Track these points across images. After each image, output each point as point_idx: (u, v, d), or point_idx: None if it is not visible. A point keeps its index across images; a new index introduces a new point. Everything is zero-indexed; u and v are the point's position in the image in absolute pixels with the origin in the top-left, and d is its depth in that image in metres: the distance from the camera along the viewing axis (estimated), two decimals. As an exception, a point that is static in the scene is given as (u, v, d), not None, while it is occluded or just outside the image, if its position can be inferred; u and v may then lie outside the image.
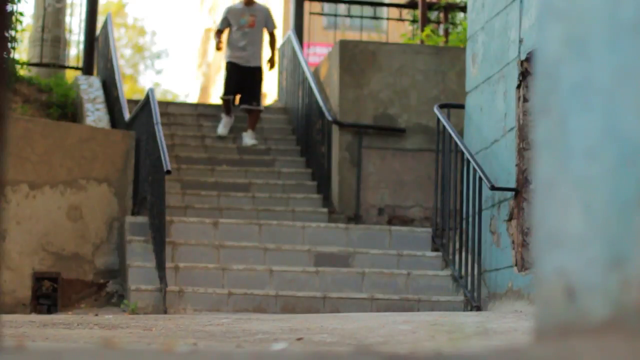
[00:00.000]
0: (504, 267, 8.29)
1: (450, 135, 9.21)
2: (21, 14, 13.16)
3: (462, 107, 9.55)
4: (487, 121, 8.83)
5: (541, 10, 2.37)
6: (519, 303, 7.84)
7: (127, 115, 10.74)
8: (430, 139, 10.71)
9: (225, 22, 12.54)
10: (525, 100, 8.16)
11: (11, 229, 9.33)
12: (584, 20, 2.22)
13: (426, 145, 10.96)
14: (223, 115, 12.57)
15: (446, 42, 13.70)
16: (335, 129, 11.11)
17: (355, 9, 14.93)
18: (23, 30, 14.10)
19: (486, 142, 8.80)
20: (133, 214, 9.84)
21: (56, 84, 12.85)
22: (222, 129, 12.46)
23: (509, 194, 8.25)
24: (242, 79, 12.35)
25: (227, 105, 12.45)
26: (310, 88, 11.66)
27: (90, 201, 9.71)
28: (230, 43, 12.44)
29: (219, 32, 12.65)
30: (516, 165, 8.16)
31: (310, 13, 14.13)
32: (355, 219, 10.78)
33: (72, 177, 9.68)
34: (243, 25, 12.34)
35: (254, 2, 12.54)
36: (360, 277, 9.03)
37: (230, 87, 12.40)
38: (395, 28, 16.05)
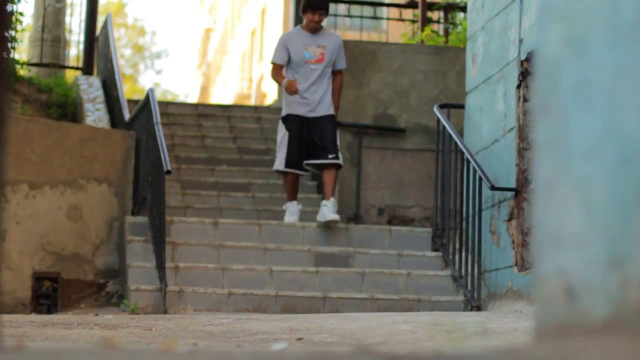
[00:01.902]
0: (504, 267, 8.29)
1: (450, 135, 9.20)
2: (21, 14, 13.16)
3: (462, 107, 9.55)
4: (487, 121, 8.83)
5: (541, 10, 2.37)
6: (519, 303, 7.83)
7: (127, 115, 10.74)
8: (430, 139, 10.71)
9: (285, 55, 9.35)
10: (525, 100, 8.16)
11: (11, 229, 9.33)
12: (584, 20, 2.22)
13: (426, 145, 10.95)
14: (288, 203, 9.59)
15: (446, 42, 13.70)
16: (335, 129, 11.09)
17: (355, 9, 14.92)
18: (23, 30, 14.10)
19: (486, 142, 8.80)
20: (133, 214, 9.83)
21: (56, 84, 12.86)
22: (289, 217, 9.53)
23: (509, 194, 8.25)
24: (309, 135, 9.32)
25: (293, 184, 9.51)
26: (310, 88, 11.61)
27: (90, 201, 9.70)
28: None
29: (278, 69, 9.39)
30: (516, 165, 8.16)
31: (311, 13, 14.10)
32: (355, 219, 10.77)
33: (72, 177, 9.68)
34: (309, 60, 9.36)
35: (321, 28, 9.46)
36: (360, 277, 9.03)
37: (294, 151, 9.25)
38: (396, 28, 16.03)
